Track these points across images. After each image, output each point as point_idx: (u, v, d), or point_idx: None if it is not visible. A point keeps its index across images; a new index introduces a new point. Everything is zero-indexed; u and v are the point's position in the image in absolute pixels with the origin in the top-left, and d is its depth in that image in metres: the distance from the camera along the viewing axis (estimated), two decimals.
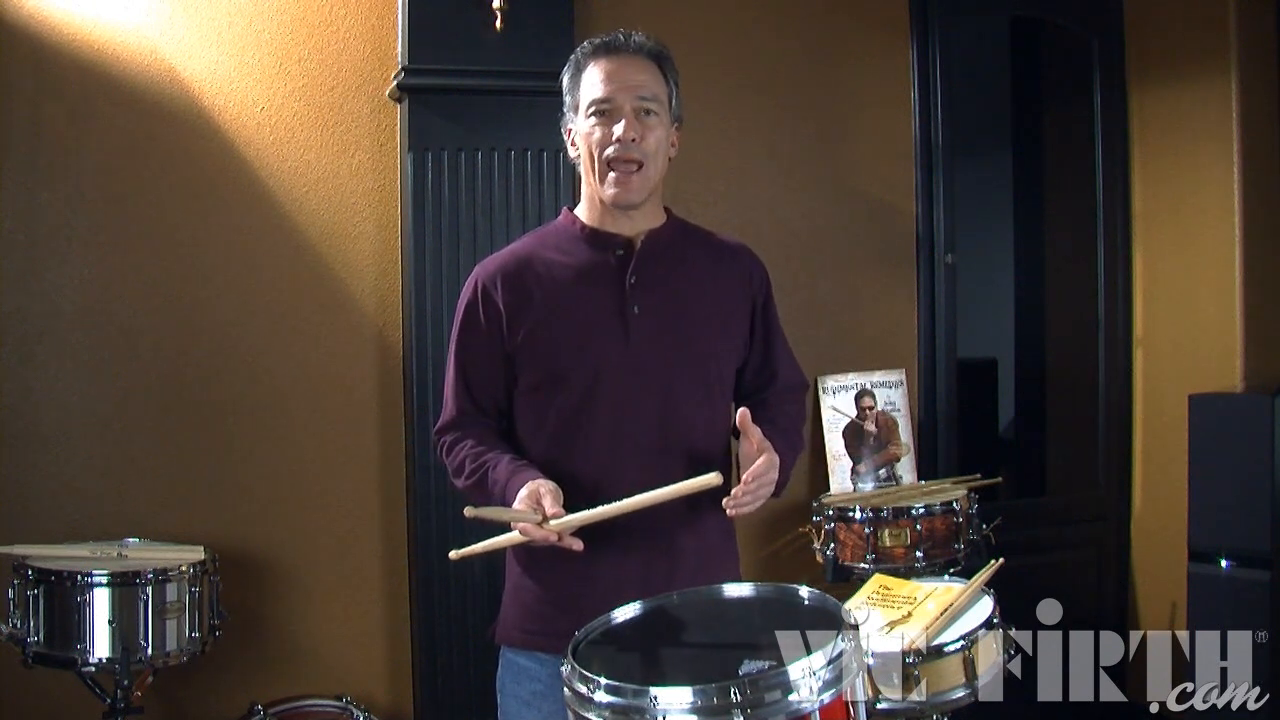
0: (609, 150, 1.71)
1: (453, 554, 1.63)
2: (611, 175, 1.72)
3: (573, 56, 1.78)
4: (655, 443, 1.72)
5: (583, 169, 1.78)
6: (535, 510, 1.59)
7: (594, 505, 1.64)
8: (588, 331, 1.72)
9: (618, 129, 1.70)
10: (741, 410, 1.66)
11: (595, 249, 1.77)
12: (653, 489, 1.62)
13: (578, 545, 1.60)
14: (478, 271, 1.80)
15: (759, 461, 1.64)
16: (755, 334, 1.87)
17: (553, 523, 1.58)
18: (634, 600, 1.50)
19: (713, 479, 1.58)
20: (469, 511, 1.60)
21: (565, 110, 1.80)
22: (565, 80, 1.79)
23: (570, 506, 1.62)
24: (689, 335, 1.76)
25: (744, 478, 1.64)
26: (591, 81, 1.73)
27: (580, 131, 1.76)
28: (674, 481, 1.65)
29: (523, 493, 1.62)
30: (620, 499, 1.63)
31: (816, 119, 3.34)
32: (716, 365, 1.80)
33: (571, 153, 1.81)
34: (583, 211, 1.82)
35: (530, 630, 1.76)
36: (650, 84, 1.73)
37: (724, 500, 1.64)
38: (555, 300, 1.73)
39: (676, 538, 1.73)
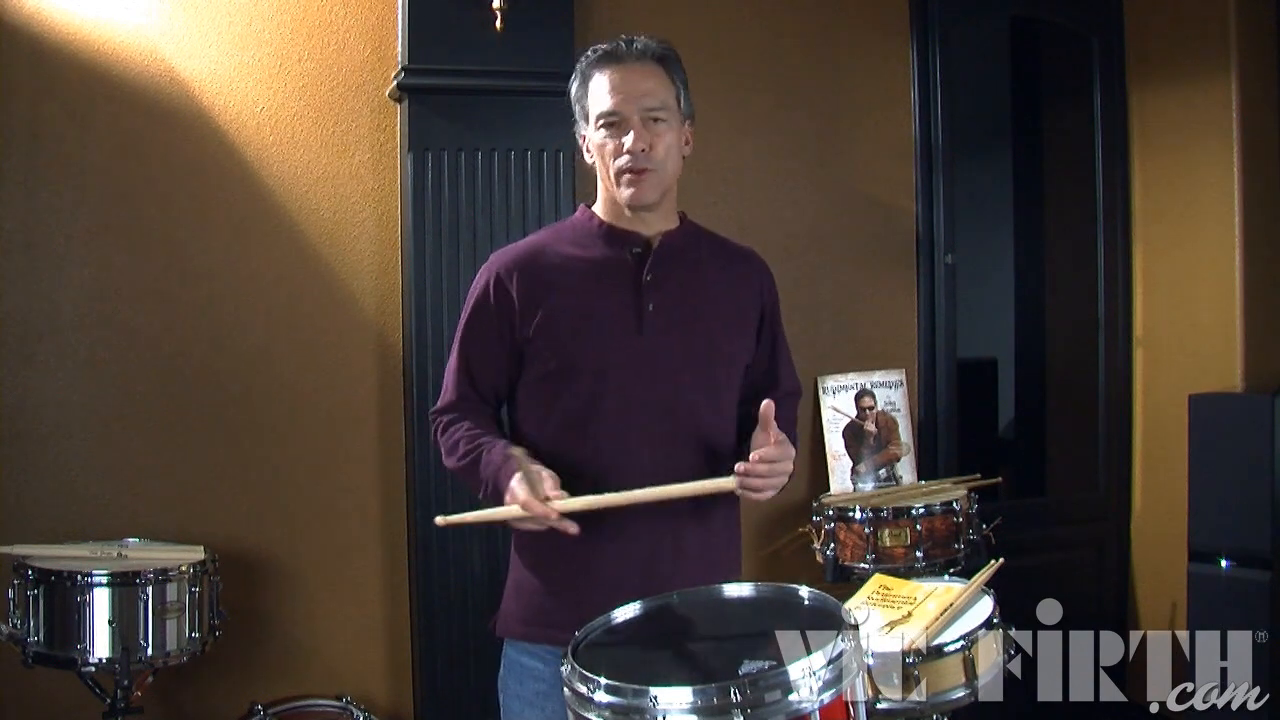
0: (620, 161, 1.74)
1: (439, 519, 1.65)
2: (626, 178, 1.74)
3: (578, 66, 1.80)
4: (664, 438, 1.73)
5: (599, 175, 1.81)
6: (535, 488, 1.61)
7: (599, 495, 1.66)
8: (602, 325, 1.74)
9: (627, 140, 1.73)
10: (766, 402, 1.67)
11: (612, 246, 1.79)
12: (662, 484, 1.64)
13: (573, 529, 1.61)
14: (493, 261, 1.81)
15: (771, 447, 1.65)
16: (762, 338, 1.89)
17: (555, 503, 1.60)
18: (636, 595, 1.51)
19: (728, 482, 1.62)
20: (440, 520, 1.64)
21: (576, 119, 1.83)
22: (573, 90, 1.81)
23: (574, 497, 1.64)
24: (701, 334, 1.78)
25: (755, 456, 1.64)
26: (598, 93, 1.75)
27: (593, 141, 1.79)
28: (679, 477, 1.66)
29: (513, 483, 1.63)
30: (629, 491, 1.65)
31: (816, 119, 3.34)
32: (726, 365, 1.82)
33: (587, 158, 1.84)
34: (600, 211, 1.83)
35: (531, 622, 1.77)
36: (656, 90, 1.75)
37: (736, 477, 1.64)
38: (571, 292, 1.75)
39: (682, 532, 1.74)
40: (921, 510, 2.89)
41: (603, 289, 1.76)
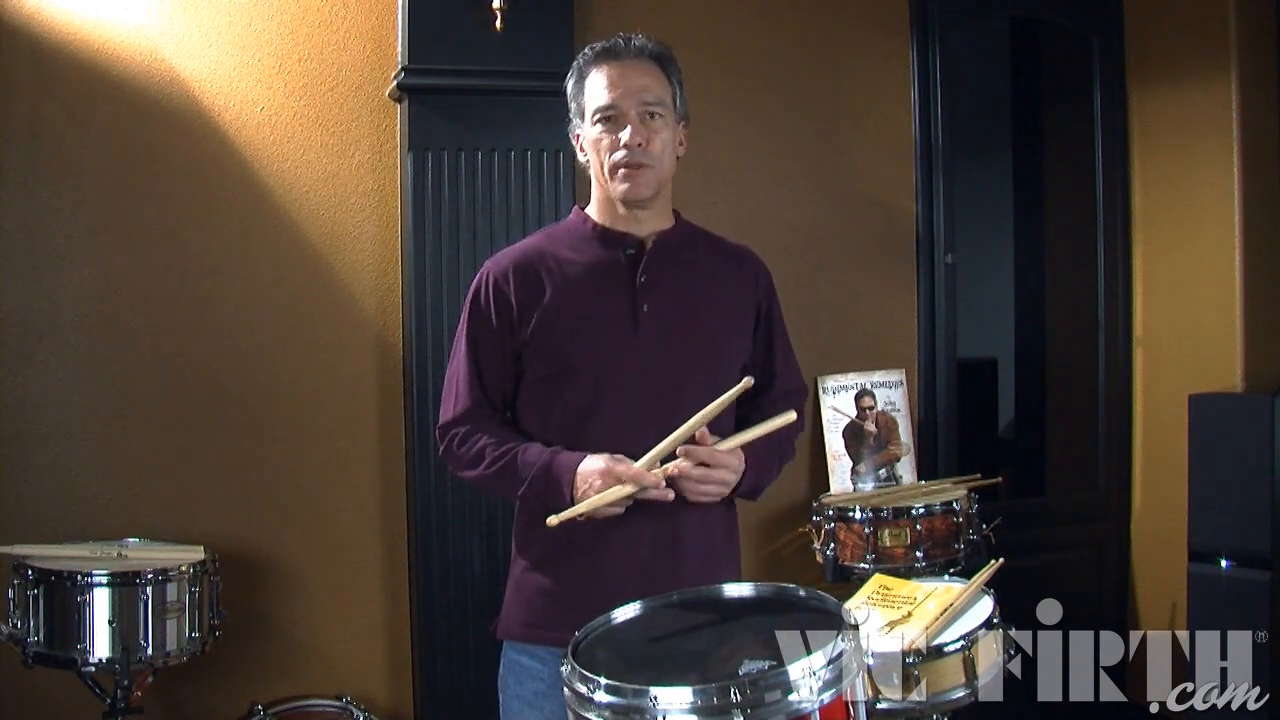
0: (616, 155, 1.74)
1: (551, 520, 1.65)
2: (621, 173, 1.74)
3: (575, 63, 1.81)
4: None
5: (593, 173, 1.81)
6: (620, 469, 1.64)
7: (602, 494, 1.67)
8: (599, 327, 1.74)
9: (624, 135, 1.73)
10: (701, 432, 1.70)
11: (606, 248, 1.79)
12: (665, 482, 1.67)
13: (671, 495, 1.65)
14: (489, 265, 1.82)
15: (719, 462, 1.70)
16: (758, 336, 1.89)
17: (654, 472, 1.65)
18: (638, 595, 1.51)
19: (790, 416, 1.72)
20: (553, 519, 1.64)
21: (572, 116, 1.83)
22: (569, 87, 1.82)
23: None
24: (697, 334, 1.78)
25: (697, 453, 1.68)
26: (595, 88, 1.75)
27: (588, 138, 1.78)
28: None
29: (599, 464, 1.65)
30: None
31: (816, 119, 3.34)
32: (723, 364, 1.82)
33: (581, 158, 1.83)
34: (594, 212, 1.84)
35: (532, 624, 1.77)
36: (653, 87, 1.75)
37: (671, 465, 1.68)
38: (567, 295, 1.75)
39: (682, 534, 1.74)
40: (921, 510, 2.89)
41: (598, 291, 1.76)
